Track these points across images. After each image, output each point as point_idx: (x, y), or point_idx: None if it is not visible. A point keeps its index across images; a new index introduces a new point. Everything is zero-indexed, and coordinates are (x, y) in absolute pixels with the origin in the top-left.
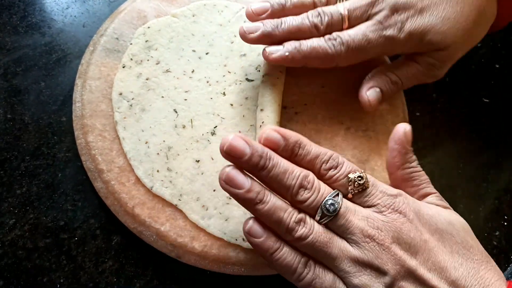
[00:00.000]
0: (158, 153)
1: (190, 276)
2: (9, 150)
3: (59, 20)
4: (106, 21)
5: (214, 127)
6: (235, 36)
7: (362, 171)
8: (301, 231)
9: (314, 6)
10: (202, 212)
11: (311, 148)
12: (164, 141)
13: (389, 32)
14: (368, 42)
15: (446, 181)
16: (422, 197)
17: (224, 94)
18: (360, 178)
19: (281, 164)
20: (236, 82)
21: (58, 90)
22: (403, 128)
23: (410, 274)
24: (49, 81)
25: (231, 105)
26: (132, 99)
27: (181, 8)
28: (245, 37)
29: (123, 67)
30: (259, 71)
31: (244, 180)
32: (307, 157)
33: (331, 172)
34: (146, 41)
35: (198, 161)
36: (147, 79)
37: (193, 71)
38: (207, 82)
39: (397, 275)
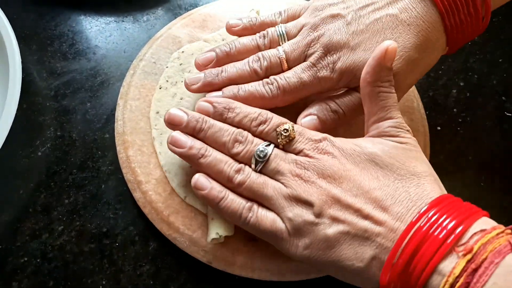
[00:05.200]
0: (190, 166)
1: (220, 281)
2: (59, 164)
3: (103, 47)
4: (145, 47)
5: None
6: None
7: (290, 123)
8: (239, 177)
9: (259, 49)
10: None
11: (240, 109)
12: None
13: (322, 73)
14: (302, 84)
15: (469, 194)
16: (380, 120)
17: None
18: (285, 131)
19: (216, 125)
20: None
21: (102, 109)
22: (386, 44)
23: (336, 201)
24: (94, 101)
25: None
26: None
27: (211, 34)
28: (188, 88)
29: (160, 88)
30: None
31: (186, 140)
32: (237, 117)
33: (260, 128)
34: (181, 64)
35: None
36: (181, 99)
37: None
38: None
39: (324, 204)
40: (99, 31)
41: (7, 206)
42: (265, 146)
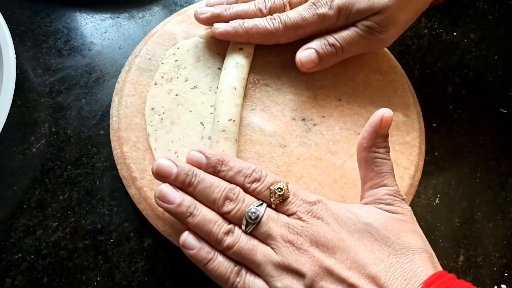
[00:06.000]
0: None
1: None
2: (54, 160)
3: (98, 43)
4: (140, 43)
5: None
6: None
7: (285, 182)
8: (228, 240)
9: None
10: None
11: (234, 164)
12: None
13: (321, 10)
14: (303, 19)
15: (464, 190)
16: (376, 186)
17: None
18: (279, 190)
19: (207, 179)
20: None
21: (97, 106)
22: (381, 113)
23: (329, 274)
24: (89, 98)
25: None
26: (163, 113)
27: (207, 30)
28: (197, 17)
29: (155, 84)
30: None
31: (175, 196)
32: (230, 172)
33: (254, 185)
34: (176, 60)
35: None
36: (176, 95)
37: (218, 87)
38: None
39: (316, 276)
40: (94, 27)
41: (1, 202)
42: (257, 206)
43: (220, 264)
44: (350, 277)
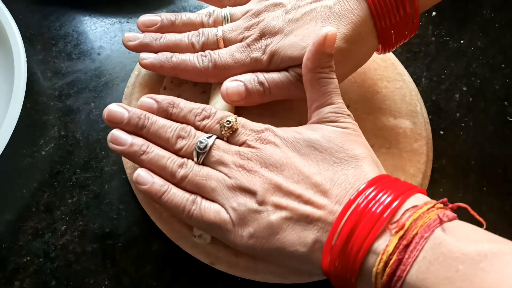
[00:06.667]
0: None
1: (223, 282)
2: (62, 163)
3: (108, 48)
4: None
5: None
6: None
7: (234, 116)
8: (182, 172)
9: (202, 26)
10: None
11: (184, 105)
12: None
13: (255, 54)
14: (234, 61)
15: (471, 198)
16: (322, 106)
17: None
18: (228, 122)
19: (159, 121)
20: None
21: None
22: (325, 31)
23: (278, 189)
24: (98, 102)
25: None
26: None
27: None
28: (125, 44)
29: (164, 89)
30: None
31: (126, 137)
32: (181, 113)
33: (204, 122)
34: None
35: None
36: None
37: None
38: None
39: (266, 192)
40: (103, 31)
41: (10, 205)
42: (206, 138)
43: (175, 195)
44: (297, 189)
